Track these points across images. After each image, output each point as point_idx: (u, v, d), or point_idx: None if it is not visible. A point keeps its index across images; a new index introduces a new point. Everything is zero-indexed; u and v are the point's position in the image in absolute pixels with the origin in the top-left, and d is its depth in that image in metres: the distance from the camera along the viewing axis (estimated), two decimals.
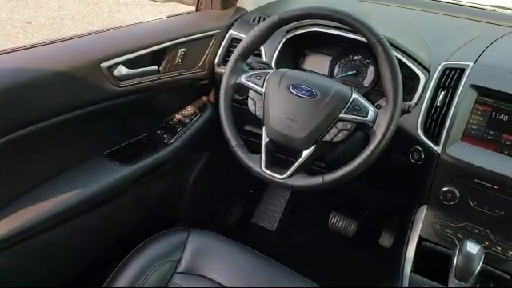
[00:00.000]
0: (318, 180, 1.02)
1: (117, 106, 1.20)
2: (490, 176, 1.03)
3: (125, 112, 1.27)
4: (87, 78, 1.10)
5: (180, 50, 1.30)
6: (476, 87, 1.08)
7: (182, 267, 1.10)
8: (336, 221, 1.84)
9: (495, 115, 1.07)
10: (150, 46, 1.22)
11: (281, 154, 1.11)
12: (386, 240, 1.69)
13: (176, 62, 1.31)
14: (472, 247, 0.97)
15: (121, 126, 1.30)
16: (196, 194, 1.67)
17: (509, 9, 1.50)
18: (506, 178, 1.02)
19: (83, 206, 1.17)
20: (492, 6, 1.56)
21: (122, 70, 1.17)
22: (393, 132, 0.97)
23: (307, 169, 1.06)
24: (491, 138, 1.07)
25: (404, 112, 1.12)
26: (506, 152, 1.05)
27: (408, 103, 1.12)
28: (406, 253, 1.17)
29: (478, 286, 1.16)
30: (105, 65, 1.12)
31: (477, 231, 1.11)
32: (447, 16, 1.50)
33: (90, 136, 1.22)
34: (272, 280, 1.07)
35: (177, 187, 1.58)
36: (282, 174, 1.04)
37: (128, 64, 1.18)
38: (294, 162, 1.03)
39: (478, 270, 0.95)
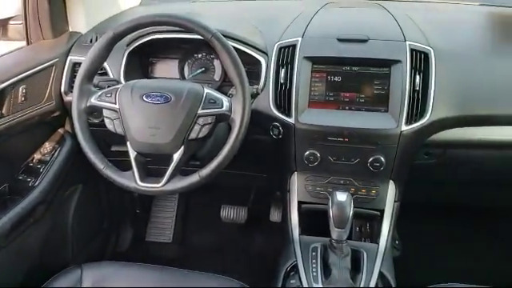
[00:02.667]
0: (195, 178, 1.06)
1: None
2: (338, 131, 1.17)
3: None
4: None
5: (20, 88, 1.23)
6: (309, 58, 1.21)
7: None
8: (227, 213, 1.90)
9: (331, 78, 1.21)
10: None
11: (154, 165, 1.12)
12: (275, 215, 1.81)
13: (19, 101, 1.24)
14: (341, 196, 1.09)
15: None
16: (80, 229, 1.60)
17: None
18: (350, 129, 1.17)
19: None
20: None
21: None
22: (249, 115, 1.05)
23: (183, 171, 1.09)
24: (332, 98, 1.21)
25: (254, 95, 1.21)
26: (347, 107, 1.20)
27: (255, 86, 1.22)
28: (291, 220, 1.27)
29: (357, 228, 1.32)
30: None
31: (342, 182, 1.25)
32: (271, 1, 1.63)
33: None
34: (179, 285, 1.09)
35: (57, 227, 1.50)
36: (159, 183, 1.05)
37: None
38: (168, 168, 1.06)
39: (350, 214, 1.07)
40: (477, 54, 1.27)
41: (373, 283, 1.08)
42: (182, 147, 1.05)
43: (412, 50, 1.18)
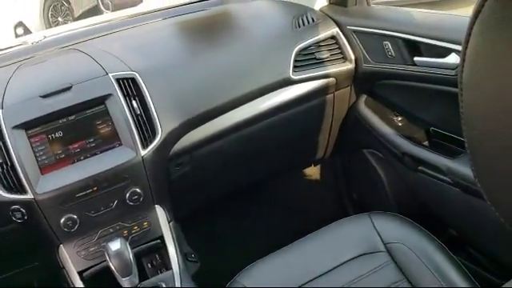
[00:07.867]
0: None
1: None
2: (83, 184, 1.11)
3: None
4: None
5: None
6: (18, 126, 1.10)
7: None
8: None
9: (52, 137, 1.13)
10: None
11: None
12: None
13: None
14: (114, 245, 1.04)
15: None
16: None
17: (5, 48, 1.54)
18: (93, 177, 1.11)
19: None
20: None
21: None
22: None
23: None
24: (63, 155, 1.13)
25: None
26: (82, 157, 1.14)
27: None
28: None
29: (148, 264, 1.28)
30: None
31: (112, 230, 1.20)
32: None
33: None
34: None
35: None
36: None
37: None
38: None
39: (132, 257, 1.03)
40: (177, 62, 1.36)
41: None
42: None
43: (118, 80, 1.19)
